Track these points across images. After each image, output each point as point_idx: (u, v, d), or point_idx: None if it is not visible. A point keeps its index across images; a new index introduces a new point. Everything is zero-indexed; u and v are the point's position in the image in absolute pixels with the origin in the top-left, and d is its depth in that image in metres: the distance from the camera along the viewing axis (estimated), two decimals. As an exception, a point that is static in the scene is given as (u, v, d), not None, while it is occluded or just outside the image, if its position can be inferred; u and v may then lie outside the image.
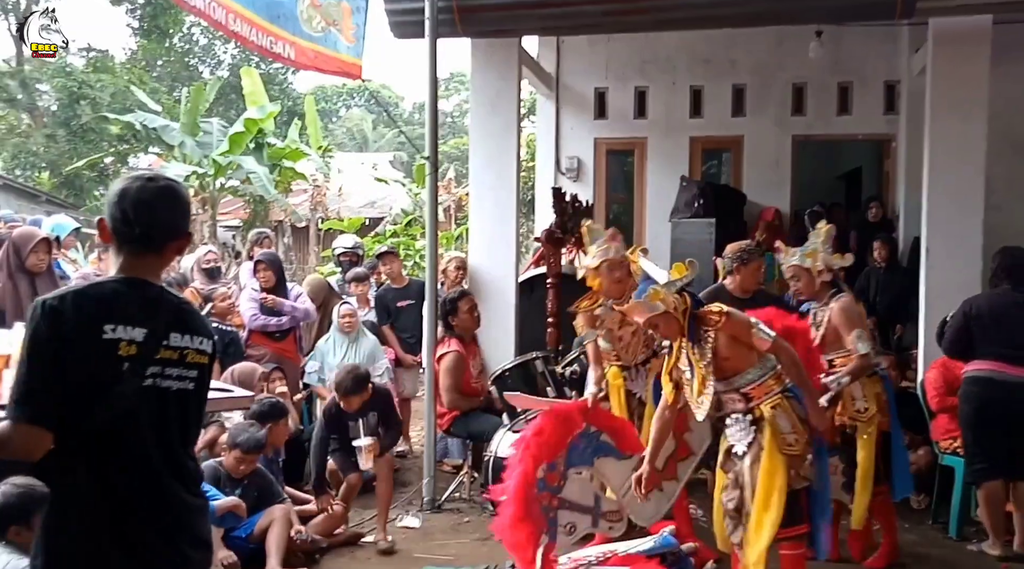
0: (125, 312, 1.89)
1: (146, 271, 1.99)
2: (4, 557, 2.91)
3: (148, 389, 1.91)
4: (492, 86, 6.90)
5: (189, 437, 2.06)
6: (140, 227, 1.96)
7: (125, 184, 2.00)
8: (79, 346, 1.83)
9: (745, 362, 3.45)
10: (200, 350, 2.01)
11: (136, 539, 1.90)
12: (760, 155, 8.72)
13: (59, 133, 19.37)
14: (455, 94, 30.49)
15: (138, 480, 1.91)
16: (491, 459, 5.08)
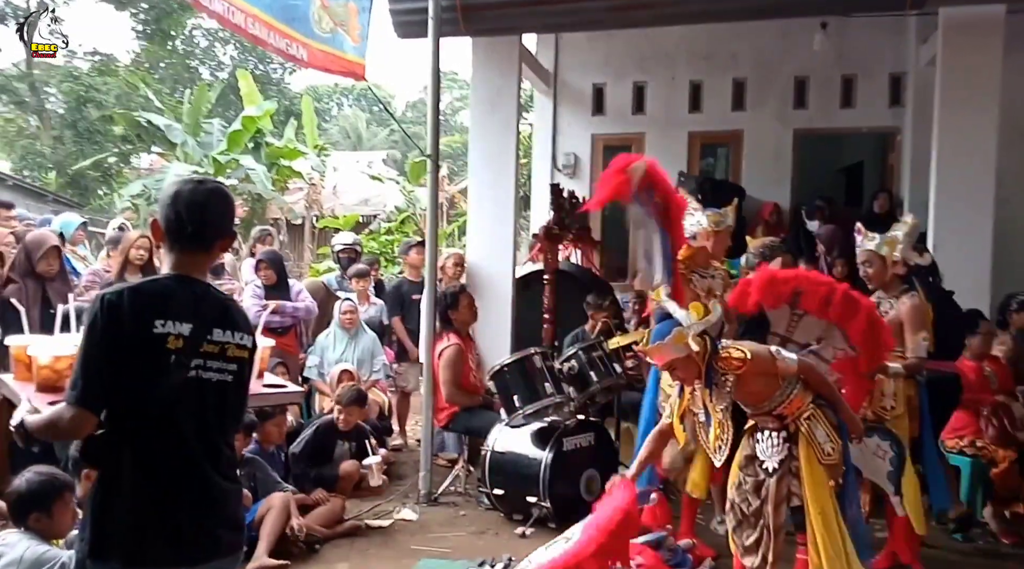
0: (174, 308, 2.04)
1: (195, 268, 2.14)
2: (24, 543, 2.97)
3: (191, 380, 2.05)
4: (492, 84, 6.93)
5: (226, 426, 2.17)
6: (193, 226, 2.10)
7: (177, 187, 2.14)
8: (132, 338, 1.99)
9: (773, 388, 3.31)
10: (240, 344, 2.15)
11: (175, 521, 2.04)
12: (760, 150, 8.70)
13: (66, 134, 19.75)
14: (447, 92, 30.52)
15: (178, 465, 2.05)
16: (488, 454, 5.09)
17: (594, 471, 4.97)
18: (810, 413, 3.31)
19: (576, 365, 5.25)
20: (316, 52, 5.42)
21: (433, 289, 5.68)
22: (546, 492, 4.75)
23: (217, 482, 2.11)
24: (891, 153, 8.75)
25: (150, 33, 22.30)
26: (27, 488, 3.07)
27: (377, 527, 4.84)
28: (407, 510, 5.13)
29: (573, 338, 6.17)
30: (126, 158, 18.31)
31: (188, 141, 13.97)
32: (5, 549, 2.98)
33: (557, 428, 4.98)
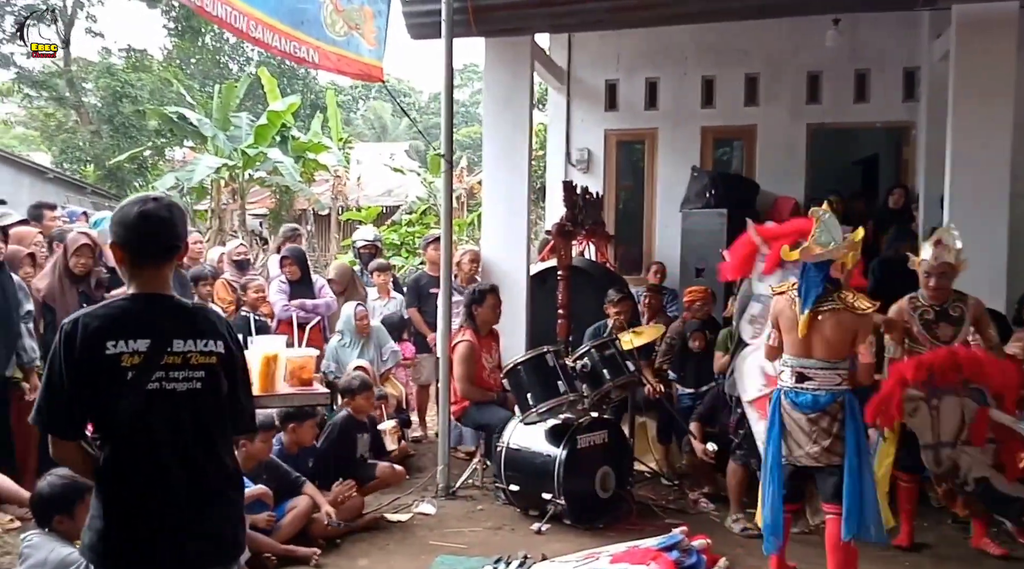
0: (129, 327, 2.12)
1: (155, 284, 2.20)
2: (48, 545, 3.08)
3: (154, 393, 2.12)
4: (505, 83, 7.00)
5: (211, 432, 2.21)
6: (143, 242, 2.18)
7: (125, 209, 2.21)
8: (87, 363, 2.08)
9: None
10: (205, 351, 2.19)
11: (149, 531, 2.12)
12: (773, 144, 8.73)
13: (103, 129, 20.13)
14: (468, 84, 30.60)
15: (149, 477, 2.13)
16: (503, 450, 5.20)
17: (608, 468, 5.08)
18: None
19: (589, 363, 5.35)
20: (329, 55, 5.49)
21: (448, 285, 5.79)
22: (561, 489, 4.86)
23: (202, 488, 2.17)
24: (906, 147, 8.75)
25: (181, 30, 22.70)
26: (50, 491, 3.16)
27: (396, 521, 4.98)
28: (426, 504, 5.27)
29: (594, 332, 6.26)
30: (160, 151, 18.71)
31: (218, 135, 14.25)
32: (30, 551, 3.08)
33: (571, 425, 5.09)
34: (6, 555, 4.16)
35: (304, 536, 4.47)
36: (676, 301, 7.46)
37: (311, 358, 3.38)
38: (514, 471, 5.15)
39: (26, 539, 3.20)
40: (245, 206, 14.99)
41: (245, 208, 15.00)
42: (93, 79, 21.06)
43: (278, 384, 3.12)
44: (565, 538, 4.73)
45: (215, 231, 14.08)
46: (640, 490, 5.52)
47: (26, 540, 3.19)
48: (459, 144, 21.67)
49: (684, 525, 4.43)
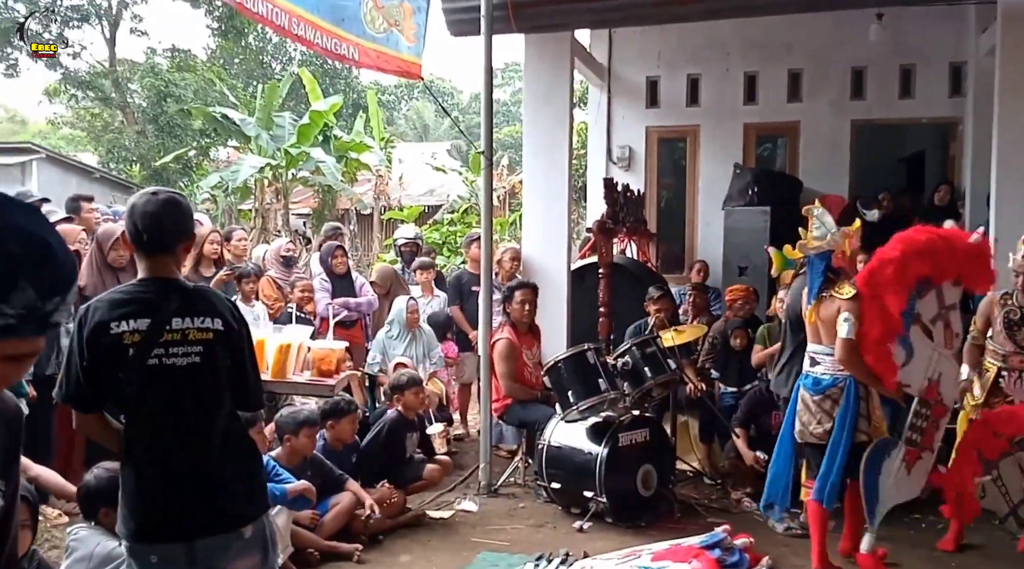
0: (131, 309, 2.30)
1: (161, 270, 2.38)
2: (95, 538, 3.13)
3: (154, 367, 2.30)
4: (545, 80, 6.99)
5: (210, 404, 2.36)
6: (148, 234, 2.35)
7: (133, 201, 2.40)
8: (94, 342, 2.27)
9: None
10: (202, 328, 2.34)
11: (161, 497, 2.29)
12: (817, 141, 8.61)
13: (148, 129, 20.50)
14: (510, 83, 30.64)
15: (156, 445, 2.32)
16: (544, 448, 5.20)
17: (650, 466, 5.04)
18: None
19: (630, 361, 5.32)
20: (369, 52, 5.52)
21: (489, 283, 5.80)
22: (602, 487, 4.84)
23: (201, 457, 2.32)
24: (952, 143, 8.57)
25: (224, 30, 23.03)
26: (95, 484, 3.20)
27: (438, 518, 5.01)
28: (468, 502, 5.28)
29: (635, 330, 6.24)
30: (205, 151, 19.02)
31: (262, 135, 14.43)
32: (76, 544, 3.12)
33: (612, 423, 5.06)
34: (53, 549, 4.26)
35: (347, 532, 4.51)
36: (719, 300, 7.39)
37: (333, 351, 3.42)
38: (555, 469, 5.14)
39: (72, 532, 3.24)
40: (288, 206, 15.19)
41: (288, 208, 15.19)
42: (138, 79, 21.45)
43: (289, 372, 3.18)
44: (607, 536, 4.71)
45: (259, 230, 14.29)
46: (682, 489, 5.47)
47: (72, 533, 3.22)
48: (500, 143, 21.73)
49: (727, 524, 4.39)
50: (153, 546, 2.30)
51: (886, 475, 4.09)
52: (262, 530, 2.40)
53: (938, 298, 4.14)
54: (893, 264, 3.98)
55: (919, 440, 4.15)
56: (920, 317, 4.11)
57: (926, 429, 4.15)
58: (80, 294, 5.24)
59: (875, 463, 4.08)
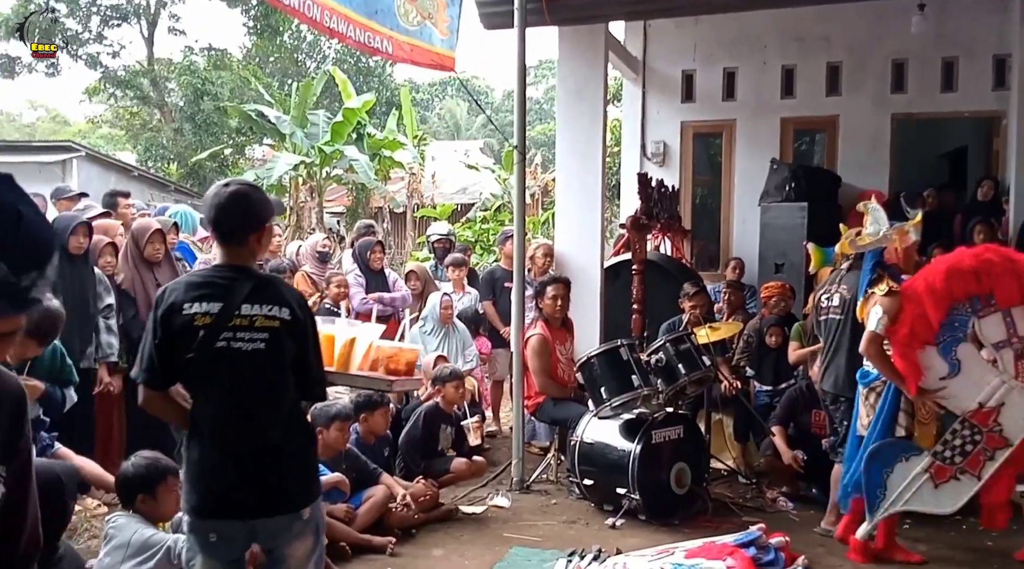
0: (206, 292, 2.40)
1: (234, 258, 2.48)
2: (132, 526, 3.17)
3: (222, 350, 2.37)
4: (579, 73, 6.94)
5: (271, 388, 2.44)
6: (218, 225, 2.47)
7: (209, 193, 2.52)
8: (168, 321, 2.39)
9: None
10: (269, 316, 2.41)
11: (225, 476, 2.37)
12: (856, 135, 8.44)
13: (185, 127, 20.72)
14: (543, 81, 30.58)
15: (220, 426, 2.40)
16: (577, 444, 5.17)
17: (684, 464, 4.99)
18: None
19: (664, 357, 5.26)
20: (402, 45, 5.51)
21: (521, 279, 5.78)
22: (635, 484, 4.80)
23: (260, 440, 2.40)
24: (996, 138, 8.34)
25: (260, 28, 23.26)
26: (133, 471, 3.27)
27: (471, 513, 5.00)
28: (500, 497, 5.27)
29: (669, 327, 6.17)
30: (240, 149, 19.19)
31: (296, 133, 14.53)
32: (114, 532, 3.17)
33: (645, 420, 5.02)
34: (93, 538, 4.33)
35: (380, 525, 4.51)
36: (755, 297, 7.28)
37: (403, 351, 3.46)
38: (588, 465, 5.11)
39: (111, 520, 3.28)
40: (323, 204, 15.29)
41: (323, 205, 15.30)
42: (175, 78, 21.71)
43: (353, 366, 3.23)
44: (640, 533, 4.67)
45: (293, 228, 14.40)
46: (716, 487, 5.41)
47: (110, 521, 3.27)
48: (533, 141, 21.66)
49: (762, 523, 4.32)
50: (213, 523, 2.37)
51: (899, 475, 4.08)
52: (317, 514, 2.48)
53: (1006, 323, 3.99)
54: (939, 277, 3.96)
55: (954, 459, 4.05)
56: (976, 337, 4.03)
57: (970, 453, 4.04)
58: (118, 288, 5.34)
59: (885, 458, 4.10)
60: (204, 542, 2.37)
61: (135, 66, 23.07)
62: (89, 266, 5.10)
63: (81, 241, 4.98)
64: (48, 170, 13.61)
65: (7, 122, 34.56)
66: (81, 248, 4.99)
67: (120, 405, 5.34)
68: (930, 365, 4.01)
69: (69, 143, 16.30)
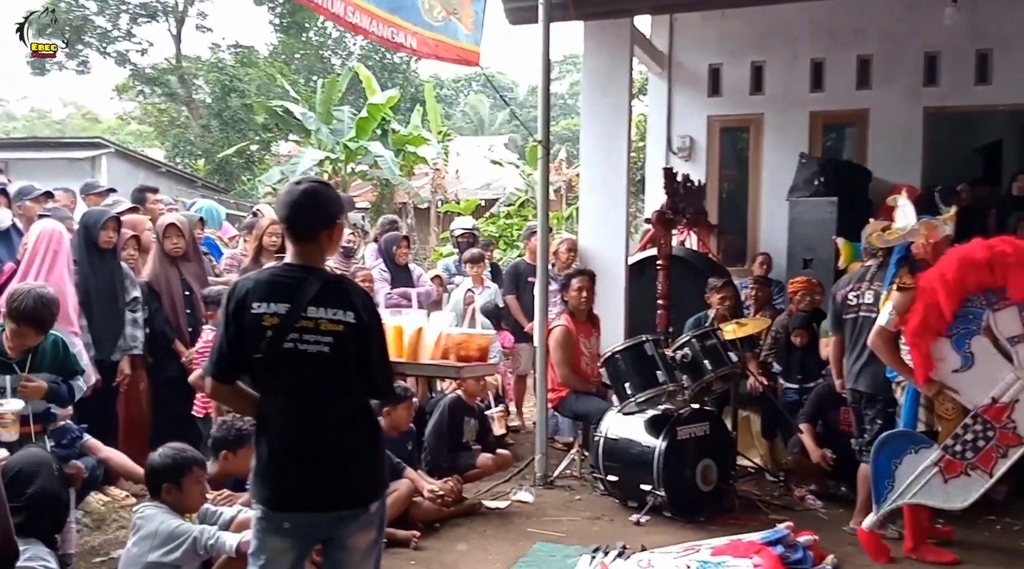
0: (274, 292, 2.41)
1: (305, 256, 2.48)
2: (159, 517, 3.19)
3: (288, 351, 2.39)
4: (604, 68, 6.89)
5: (335, 390, 2.45)
6: (292, 223, 2.47)
7: (285, 190, 2.53)
8: (237, 318, 2.41)
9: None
10: (334, 319, 2.41)
11: (295, 470, 2.42)
12: (888, 129, 8.28)
13: (212, 123, 20.93)
14: (568, 75, 30.52)
15: (287, 423, 2.43)
16: (601, 440, 5.13)
17: (710, 461, 4.94)
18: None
19: (690, 353, 5.21)
20: (427, 40, 5.49)
21: (545, 274, 5.75)
22: (660, 480, 4.76)
23: (325, 439, 2.42)
24: (1032, 132, 8.16)
25: (286, 26, 23.47)
26: (160, 462, 3.31)
27: (494, 508, 4.98)
28: (523, 492, 5.25)
29: (695, 322, 6.11)
30: (266, 145, 19.37)
31: (322, 129, 14.64)
32: (142, 522, 3.20)
33: (671, 416, 4.97)
34: (121, 528, 4.38)
35: (403, 519, 4.51)
36: (783, 293, 7.19)
37: (472, 337, 3.51)
38: (612, 461, 5.08)
39: (138, 511, 3.31)
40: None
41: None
42: (203, 75, 21.95)
43: (422, 355, 3.29)
44: (665, 530, 4.63)
45: (318, 223, 14.43)
46: (743, 485, 5.35)
47: (138, 512, 3.30)
48: (557, 136, 21.65)
49: (789, 521, 4.26)
50: (286, 514, 2.42)
51: (908, 468, 4.02)
52: (382, 508, 2.54)
53: (1022, 317, 3.90)
54: (952, 267, 3.90)
55: (965, 454, 3.97)
56: (991, 331, 3.94)
57: (982, 449, 3.95)
58: (150, 288, 5.39)
59: (895, 449, 4.05)
60: (278, 527, 2.43)
61: (163, 63, 23.33)
62: (117, 260, 5.14)
63: (111, 236, 5.03)
64: (78, 166, 13.78)
65: (38, 119, 35.13)
66: (111, 242, 5.04)
67: (146, 397, 5.40)
68: (943, 357, 3.96)
69: (98, 139, 16.51)
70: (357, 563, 2.50)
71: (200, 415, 5.01)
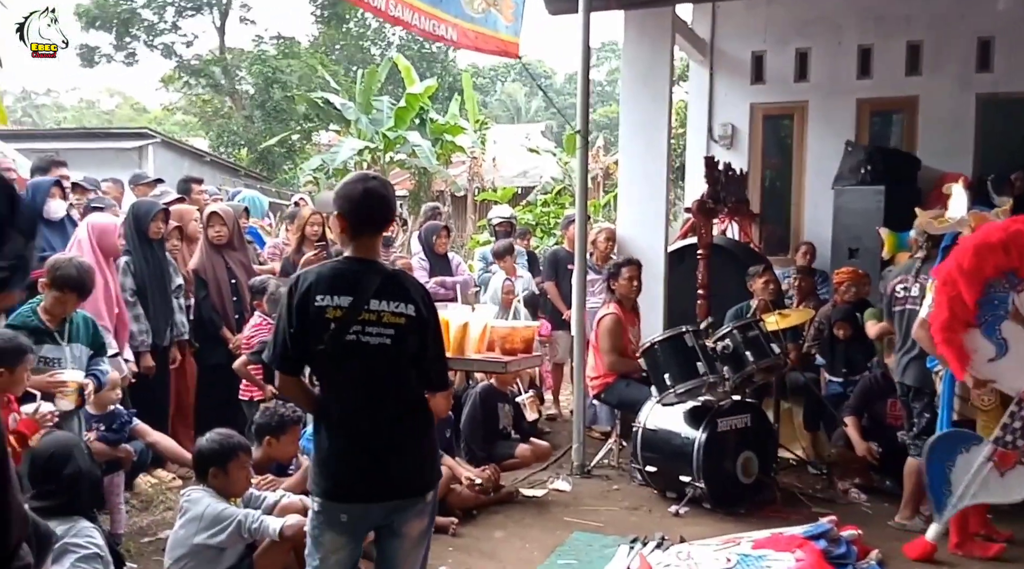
0: (337, 285, 2.45)
1: (366, 250, 2.54)
2: (207, 499, 3.25)
3: (351, 343, 2.44)
4: (644, 57, 6.83)
5: (395, 382, 2.51)
6: (361, 217, 2.51)
7: (350, 185, 2.55)
8: (301, 311, 2.45)
9: None
10: (396, 312, 2.47)
11: (352, 461, 2.46)
12: (938, 116, 8.07)
13: (255, 114, 21.20)
14: (606, 63, 30.29)
15: (348, 415, 2.48)
16: (640, 430, 5.10)
17: (751, 453, 4.89)
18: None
19: (731, 344, 5.14)
20: (467, 32, 5.50)
21: (583, 263, 5.73)
22: (700, 472, 4.72)
23: (387, 429, 2.46)
24: (1090, 118, 7.88)
25: (327, 17, 23.65)
26: (207, 447, 3.37)
27: (531, 497, 4.99)
28: (561, 481, 5.25)
29: (736, 313, 6.04)
30: (308, 135, 19.58)
31: (361, 118, 14.75)
32: (188, 505, 3.26)
33: (711, 408, 4.93)
34: (168, 510, 4.49)
35: (442, 506, 4.52)
36: (827, 283, 7.07)
37: (516, 330, 3.52)
38: (651, 452, 5.05)
39: (185, 494, 3.38)
40: (387, 188, 15.45)
41: (387, 190, 15.46)
42: (246, 66, 22.23)
43: (468, 350, 3.31)
44: (704, 522, 4.59)
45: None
46: (785, 477, 5.29)
47: (185, 495, 3.37)
48: (596, 124, 21.53)
49: (833, 515, 4.21)
50: (343, 505, 2.46)
51: (962, 468, 3.92)
52: (435, 496, 2.61)
53: None
54: (967, 254, 3.82)
55: (1016, 442, 3.87)
56: (1019, 314, 3.83)
57: None
58: (197, 276, 5.50)
59: (945, 452, 3.96)
60: (334, 520, 2.46)
61: (208, 55, 23.67)
62: (164, 250, 5.25)
63: (160, 226, 5.14)
64: (125, 156, 14.05)
65: (87, 109, 35.90)
66: (160, 233, 5.15)
67: (193, 383, 5.51)
68: (976, 347, 3.86)
69: (145, 130, 16.80)
70: (409, 550, 2.55)
71: (246, 399, 5.10)
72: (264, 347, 2.82)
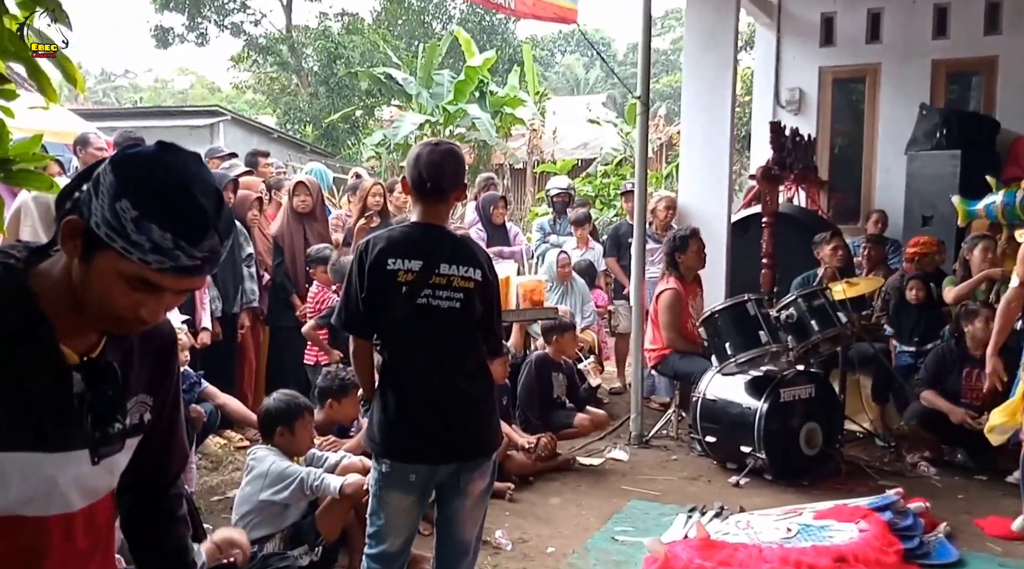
0: (407, 249, 2.48)
1: (434, 216, 2.56)
2: (271, 459, 3.36)
3: (422, 307, 2.47)
4: (708, 21, 6.67)
5: (467, 342, 2.55)
6: (431, 183, 2.51)
7: (419, 150, 2.56)
8: (372, 274, 2.48)
9: None
10: (465, 276, 2.50)
11: (417, 422, 2.49)
12: (1019, 77, 7.67)
13: (320, 91, 21.50)
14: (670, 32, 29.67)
15: (416, 376, 2.50)
16: (699, 400, 5.04)
17: (815, 424, 4.79)
18: None
19: (795, 313, 5.02)
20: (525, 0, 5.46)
21: (642, 233, 5.65)
22: (761, 443, 4.64)
23: (456, 391, 2.50)
24: None
25: (389, -8, 23.70)
26: (275, 406, 3.48)
27: (588, 465, 4.99)
28: (618, 450, 5.23)
29: (802, 281, 5.90)
30: (370, 111, 19.76)
31: (422, 93, 14.84)
32: (255, 463, 3.37)
33: (773, 378, 4.83)
34: (236, 470, 4.64)
35: (499, 472, 4.57)
36: (898, 253, 6.83)
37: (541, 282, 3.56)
38: (711, 422, 4.98)
39: (251, 453, 3.50)
40: (447, 161, 15.53)
41: (447, 163, 15.53)
42: (311, 43, 22.54)
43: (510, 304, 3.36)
44: (765, 493, 4.53)
45: (417, 184, 14.64)
46: (851, 450, 5.17)
47: (251, 454, 3.49)
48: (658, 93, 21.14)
49: (900, 487, 4.08)
50: (414, 466, 2.50)
51: None
52: (496, 458, 2.66)
53: None
54: None
55: None
56: None
57: None
58: (276, 242, 5.66)
59: None
60: (403, 481, 2.50)
61: (275, 33, 24.06)
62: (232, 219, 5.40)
63: (229, 196, 5.29)
64: (198, 133, 14.43)
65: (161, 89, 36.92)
66: (229, 202, 5.29)
67: (263, 347, 5.69)
68: None
69: (216, 108, 17.22)
70: (471, 508, 2.58)
71: (311, 363, 5.23)
72: (332, 312, 2.86)
